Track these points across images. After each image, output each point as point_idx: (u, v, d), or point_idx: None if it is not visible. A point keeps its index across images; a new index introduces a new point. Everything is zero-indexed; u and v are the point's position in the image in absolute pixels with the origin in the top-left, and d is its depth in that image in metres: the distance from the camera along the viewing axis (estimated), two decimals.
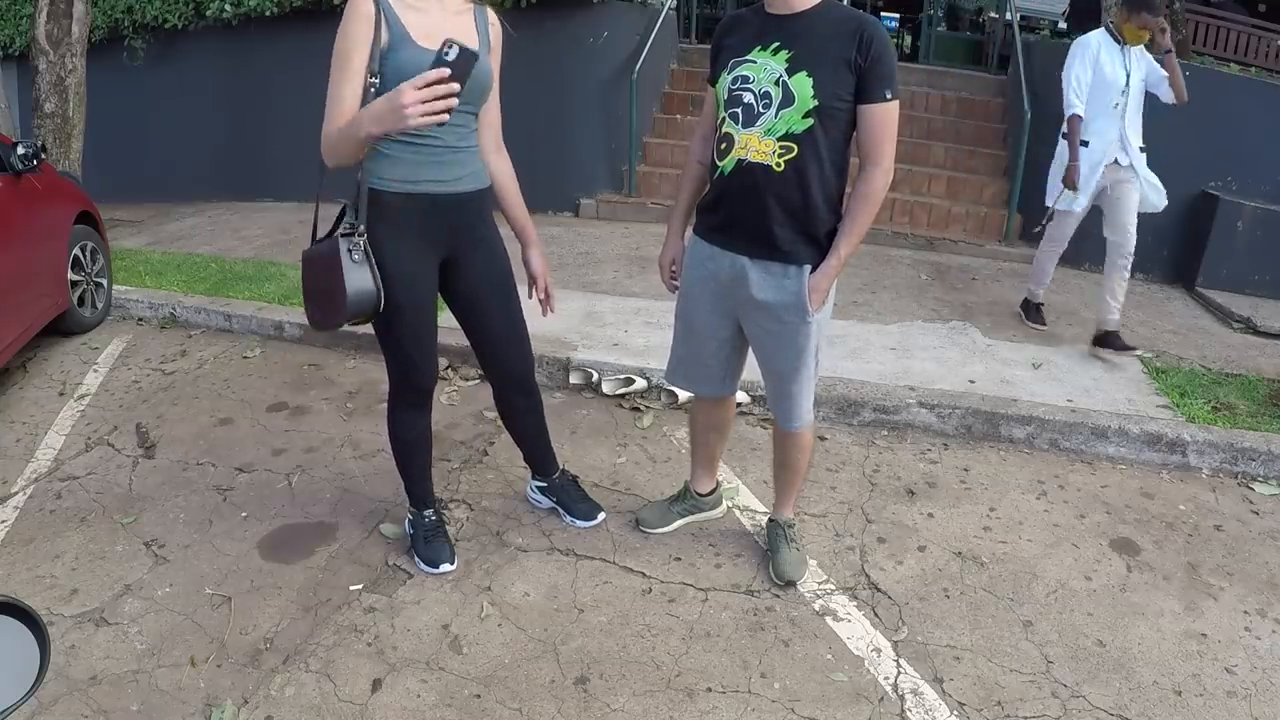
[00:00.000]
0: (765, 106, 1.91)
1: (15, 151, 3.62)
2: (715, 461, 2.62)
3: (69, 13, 5.84)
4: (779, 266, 2.03)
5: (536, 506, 2.72)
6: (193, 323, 4.26)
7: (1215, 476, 3.07)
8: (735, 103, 1.96)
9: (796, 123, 1.90)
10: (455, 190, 2.03)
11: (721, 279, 2.11)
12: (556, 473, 2.66)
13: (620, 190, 6.42)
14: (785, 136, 1.91)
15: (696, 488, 2.62)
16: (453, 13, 1.97)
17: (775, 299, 2.05)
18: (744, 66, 1.95)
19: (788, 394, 2.20)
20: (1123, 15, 3.74)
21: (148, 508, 2.74)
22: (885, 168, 1.95)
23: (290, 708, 1.98)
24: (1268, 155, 5.17)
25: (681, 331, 2.31)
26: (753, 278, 2.05)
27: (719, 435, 2.52)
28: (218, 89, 7.41)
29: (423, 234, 2.04)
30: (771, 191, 1.96)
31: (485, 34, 2.02)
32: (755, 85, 1.92)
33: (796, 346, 2.10)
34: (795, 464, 2.38)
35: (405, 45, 1.86)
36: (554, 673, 2.09)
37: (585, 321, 4.04)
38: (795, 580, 2.39)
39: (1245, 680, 2.12)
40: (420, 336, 2.16)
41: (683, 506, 2.62)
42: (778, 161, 1.93)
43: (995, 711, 2.00)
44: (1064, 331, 4.24)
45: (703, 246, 2.15)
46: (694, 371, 2.34)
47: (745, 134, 1.95)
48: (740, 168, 1.97)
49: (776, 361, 2.16)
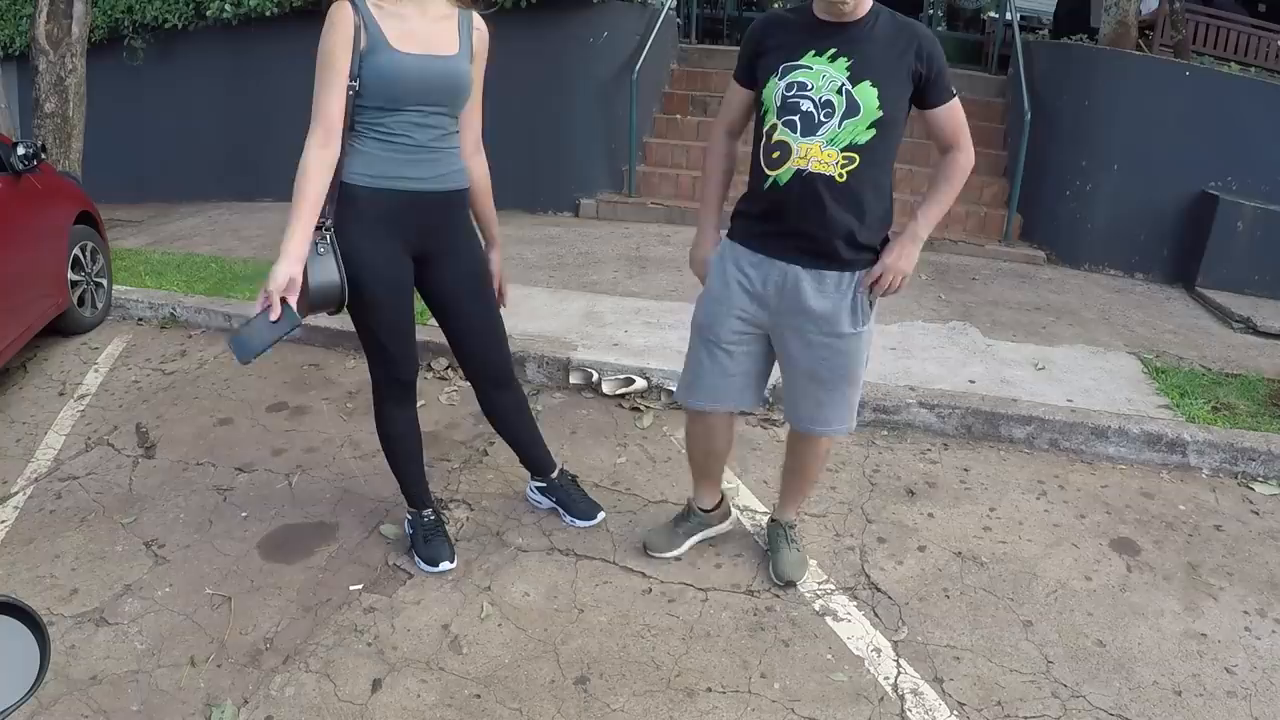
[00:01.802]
0: (828, 115, 1.86)
1: (15, 151, 3.61)
2: (719, 476, 2.51)
3: (69, 13, 5.83)
4: (835, 275, 2.00)
5: (536, 507, 2.72)
6: (193, 323, 4.26)
7: (1215, 476, 3.07)
8: (791, 110, 1.89)
9: (861, 133, 1.86)
10: (427, 189, 2.06)
11: (766, 287, 2.04)
12: (554, 472, 2.66)
13: (620, 190, 6.42)
14: (849, 147, 1.87)
15: (700, 504, 2.52)
16: (434, 18, 2.00)
17: (830, 308, 2.01)
18: (799, 72, 1.88)
19: (829, 401, 2.13)
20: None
21: (148, 508, 2.74)
22: (969, 150, 1.99)
23: (290, 708, 1.98)
24: (1268, 155, 5.17)
25: (699, 345, 2.18)
26: (806, 287, 2.00)
27: (726, 449, 2.42)
28: (218, 89, 7.41)
29: (392, 230, 2.06)
30: (834, 202, 1.91)
31: (468, 39, 2.05)
32: (814, 93, 1.86)
33: (846, 356, 2.07)
34: (809, 471, 2.35)
35: (382, 50, 1.92)
36: (554, 673, 2.09)
37: (585, 321, 4.04)
38: (795, 581, 2.38)
39: (1245, 680, 2.12)
40: (395, 331, 2.18)
41: (689, 525, 2.52)
42: (840, 172, 1.89)
43: (995, 711, 2.00)
44: (1064, 331, 4.24)
45: (743, 253, 2.07)
46: (716, 384, 2.19)
47: (805, 143, 1.88)
48: (800, 178, 1.91)
49: (822, 371, 2.09)
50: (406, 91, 1.95)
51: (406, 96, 1.95)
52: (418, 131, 1.99)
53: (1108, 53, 5.73)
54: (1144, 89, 5.37)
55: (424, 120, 1.99)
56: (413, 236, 2.10)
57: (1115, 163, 5.43)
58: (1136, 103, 5.35)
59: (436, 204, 2.09)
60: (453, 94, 2.02)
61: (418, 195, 2.05)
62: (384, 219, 2.04)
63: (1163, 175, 5.31)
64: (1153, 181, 5.33)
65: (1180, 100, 5.25)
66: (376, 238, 2.05)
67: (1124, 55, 5.63)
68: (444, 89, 1.99)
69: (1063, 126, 5.61)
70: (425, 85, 1.96)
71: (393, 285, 2.11)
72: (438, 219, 2.12)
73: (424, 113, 1.99)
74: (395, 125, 1.98)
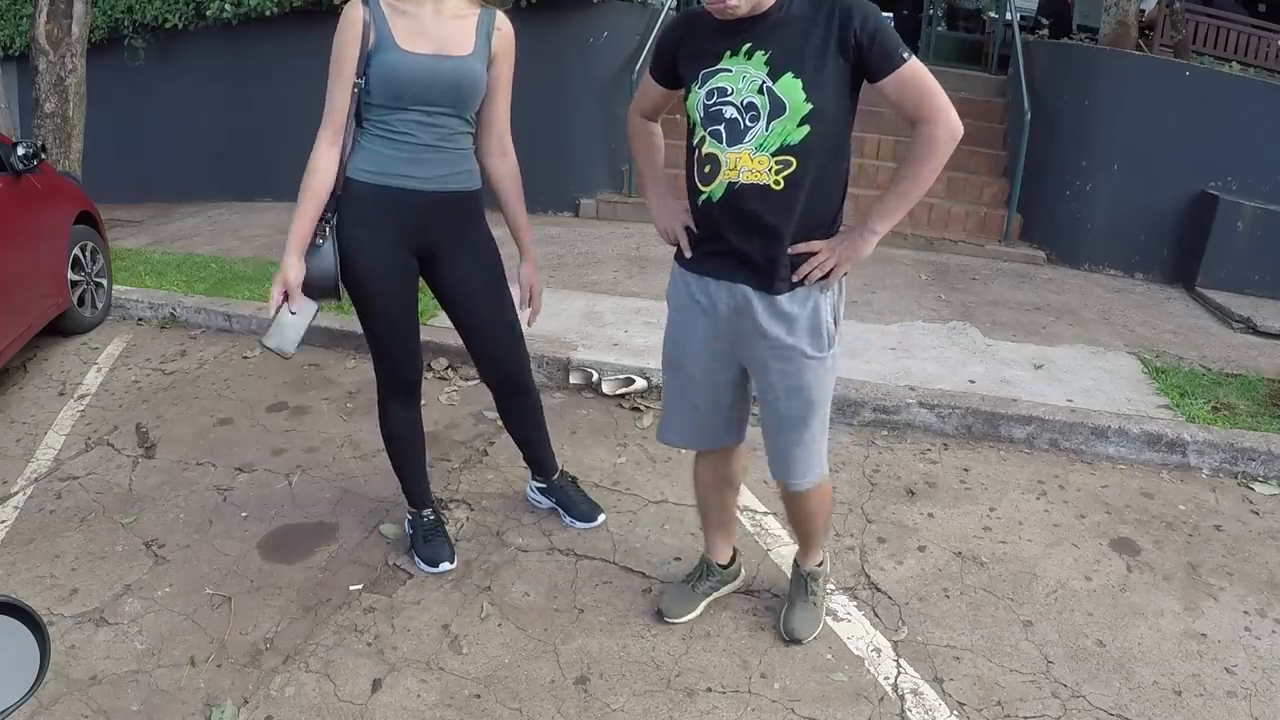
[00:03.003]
0: (753, 120, 1.67)
1: (15, 151, 3.61)
2: (732, 525, 2.31)
3: (69, 13, 5.83)
4: (786, 295, 1.80)
5: (536, 507, 2.72)
6: (193, 323, 4.26)
7: (1215, 476, 3.07)
8: (715, 119, 1.71)
9: (792, 132, 1.66)
10: (430, 188, 2.05)
11: (721, 313, 1.86)
12: (556, 474, 2.66)
13: (620, 190, 6.42)
14: (781, 150, 1.67)
15: (716, 559, 2.29)
16: (450, 16, 1.99)
17: (785, 329, 1.81)
18: (718, 77, 1.70)
19: (797, 443, 1.92)
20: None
21: (148, 508, 2.74)
22: (944, 119, 1.66)
23: (290, 708, 1.98)
24: (1268, 155, 5.17)
25: (672, 382, 2.03)
26: (759, 307, 1.81)
27: (732, 491, 2.22)
28: (218, 89, 7.41)
29: (393, 227, 2.07)
30: (773, 213, 1.72)
31: (486, 40, 2.03)
32: (735, 97, 1.68)
33: (806, 385, 1.85)
34: (813, 518, 2.11)
35: (387, 49, 1.94)
36: (554, 673, 2.09)
37: (585, 321, 4.04)
38: (803, 639, 2.17)
39: (1245, 680, 2.12)
40: (395, 328, 2.19)
41: (707, 585, 2.29)
42: (776, 179, 1.69)
43: (995, 711, 2.00)
44: (1064, 331, 4.24)
45: (693, 281, 1.89)
46: (690, 422, 2.03)
47: (733, 153, 1.70)
48: (732, 192, 1.72)
49: (783, 405, 1.88)
50: (408, 91, 1.95)
51: (409, 96, 1.96)
52: (422, 131, 2.00)
53: (1108, 53, 5.73)
54: (1144, 89, 5.37)
55: (429, 120, 1.99)
56: (415, 234, 2.10)
57: (1115, 163, 5.43)
58: (1136, 103, 5.35)
59: (440, 204, 2.09)
60: (460, 95, 2.00)
61: (419, 194, 2.05)
62: (385, 216, 2.05)
63: (1163, 175, 5.31)
64: (1153, 181, 5.33)
65: (1180, 100, 5.25)
66: (377, 234, 2.06)
67: (1124, 55, 5.63)
68: (450, 89, 1.98)
69: (1063, 126, 5.62)
70: (429, 85, 1.96)
71: (390, 281, 2.12)
72: (442, 219, 2.12)
73: (428, 112, 1.99)
74: (399, 124, 1.99)
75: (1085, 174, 5.51)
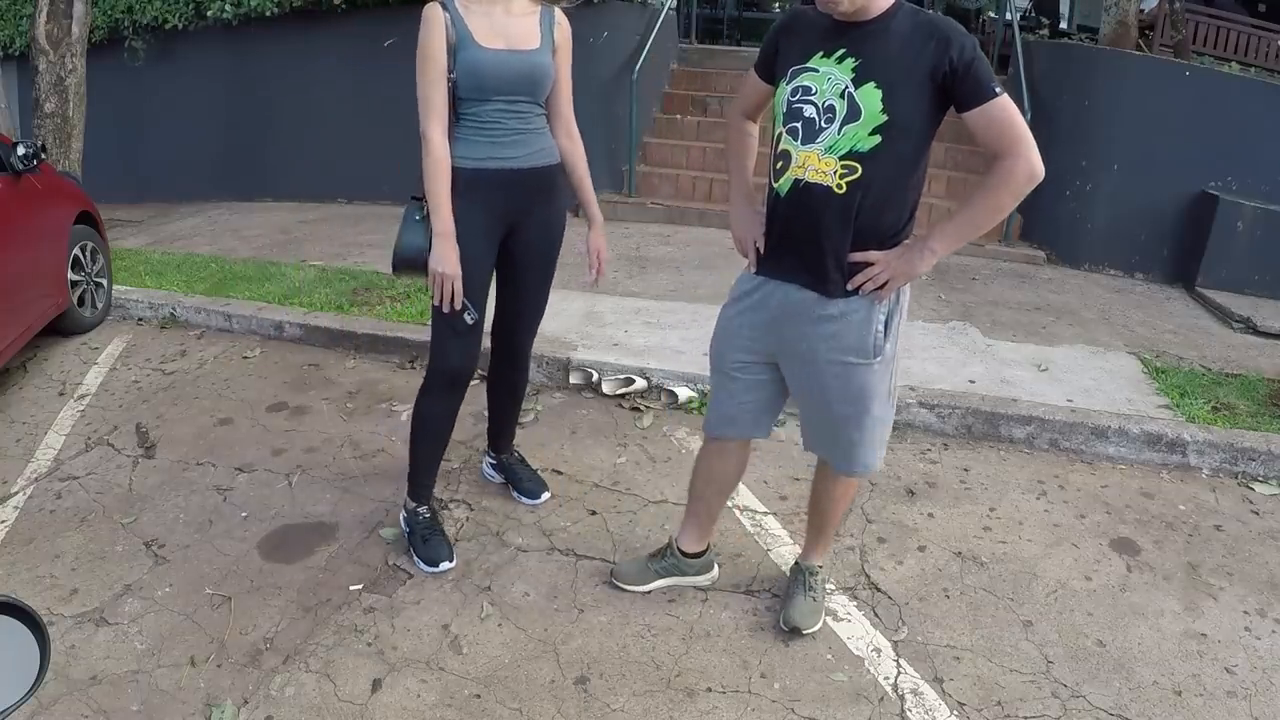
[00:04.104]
0: (828, 121, 1.73)
1: (15, 151, 3.61)
2: (712, 520, 2.34)
3: (69, 13, 5.83)
4: (841, 300, 1.83)
5: (490, 480, 2.84)
6: (193, 323, 4.26)
7: (1215, 476, 3.07)
8: (795, 116, 1.77)
9: (863, 140, 1.70)
10: (521, 165, 2.25)
11: (770, 311, 1.92)
12: (507, 452, 2.82)
13: (620, 190, 6.42)
14: (849, 155, 1.72)
15: (683, 545, 2.33)
16: (517, 14, 2.18)
17: (832, 333, 1.85)
18: (805, 76, 1.76)
19: (846, 440, 1.97)
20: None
21: (148, 508, 2.74)
22: (1025, 157, 1.67)
23: (290, 708, 1.98)
24: (1268, 155, 5.17)
25: (713, 373, 2.10)
26: (809, 307, 1.85)
27: (730, 485, 2.27)
28: (218, 89, 7.41)
29: (491, 205, 2.23)
30: (832, 215, 1.77)
31: (550, 33, 2.23)
32: (818, 97, 1.73)
33: (857, 389, 1.88)
34: (834, 508, 2.17)
35: (469, 46, 2.11)
36: (554, 673, 2.09)
37: (585, 321, 4.04)
38: (804, 630, 2.20)
39: (1245, 680, 2.12)
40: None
41: (662, 565, 2.35)
42: (839, 182, 1.74)
43: (995, 711, 2.00)
44: (1064, 331, 4.24)
45: (747, 278, 1.98)
46: (730, 411, 2.09)
47: (804, 151, 1.76)
48: (797, 189, 1.78)
49: (835, 406, 1.92)
50: (490, 83, 2.13)
51: (493, 88, 2.14)
52: (508, 119, 2.19)
53: (1108, 53, 5.74)
54: (1144, 89, 5.37)
55: (511, 108, 2.19)
56: (504, 207, 2.27)
57: (1115, 163, 5.43)
58: (1136, 103, 5.35)
59: (529, 177, 2.27)
60: (535, 85, 2.20)
61: (513, 172, 2.23)
62: (482, 195, 2.21)
63: (1163, 175, 5.31)
64: (1153, 181, 5.33)
65: (1180, 100, 5.25)
66: (471, 214, 2.19)
67: (1124, 55, 5.63)
68: (527, 81, 2.18)
69: (1063, 126, 5.62)
70: (509, 78, 2.15)
71: (474, 259, 2.22)
72: (531, 190, 2.30)
73: (511, 101, 2.18)
74: (486, 114, 2.17)
75: (1085, 174, 5.51)
